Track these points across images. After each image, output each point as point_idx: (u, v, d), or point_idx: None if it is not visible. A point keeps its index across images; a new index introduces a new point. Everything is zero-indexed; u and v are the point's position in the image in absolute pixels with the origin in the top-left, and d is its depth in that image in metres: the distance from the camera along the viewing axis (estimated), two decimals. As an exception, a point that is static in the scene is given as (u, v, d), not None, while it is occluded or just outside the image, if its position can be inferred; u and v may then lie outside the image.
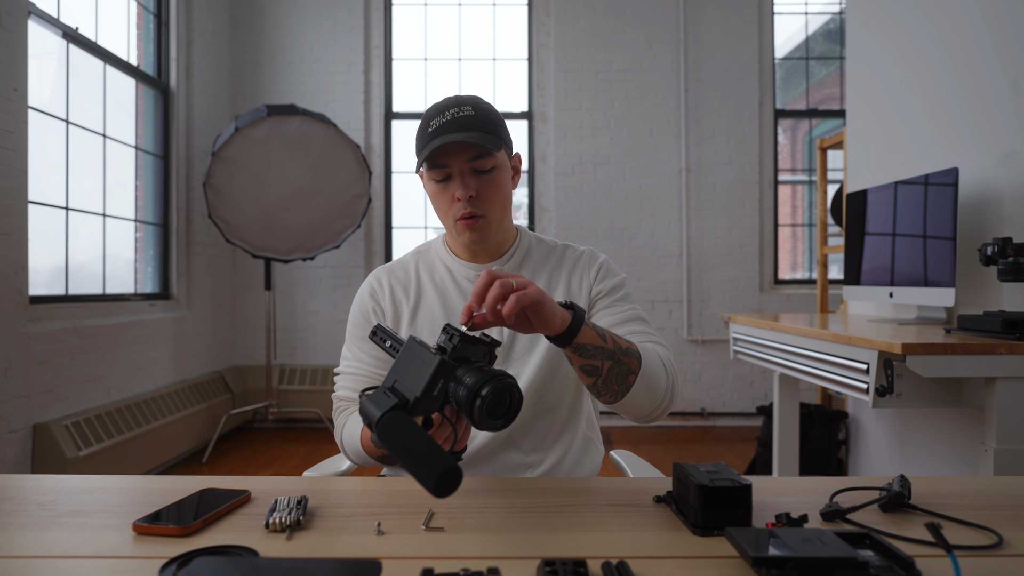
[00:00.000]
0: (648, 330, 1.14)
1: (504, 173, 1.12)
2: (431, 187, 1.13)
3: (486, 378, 0.77)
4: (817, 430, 3.14)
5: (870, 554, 0.64)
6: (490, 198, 1.10)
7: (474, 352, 0.81)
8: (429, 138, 1.07)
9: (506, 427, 0.80)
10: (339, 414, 1.17)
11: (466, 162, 1.07)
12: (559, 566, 0.62)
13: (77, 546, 0.70)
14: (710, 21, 4.69)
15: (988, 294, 2.19)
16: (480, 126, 1.06)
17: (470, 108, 1.07)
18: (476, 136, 1.04)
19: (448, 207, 1.11)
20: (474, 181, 1.08)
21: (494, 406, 0.78)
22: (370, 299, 1.19)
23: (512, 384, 0.79)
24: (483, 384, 0.76)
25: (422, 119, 1.11)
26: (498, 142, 1.07)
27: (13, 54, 2.69)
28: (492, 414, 0.78)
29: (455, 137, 1.03)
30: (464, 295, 1.17)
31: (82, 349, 3.05)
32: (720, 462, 0.80)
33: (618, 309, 1.16)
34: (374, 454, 1.05)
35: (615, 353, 0.94)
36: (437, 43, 4.88)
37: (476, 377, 0.77)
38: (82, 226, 3.30)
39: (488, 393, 0.76)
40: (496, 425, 0.79)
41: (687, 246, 4.67)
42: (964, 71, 2.33)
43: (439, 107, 1.09)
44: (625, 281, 1.21)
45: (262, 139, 3.90)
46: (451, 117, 1.06)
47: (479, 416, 0.76)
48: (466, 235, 1.11)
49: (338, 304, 4.63)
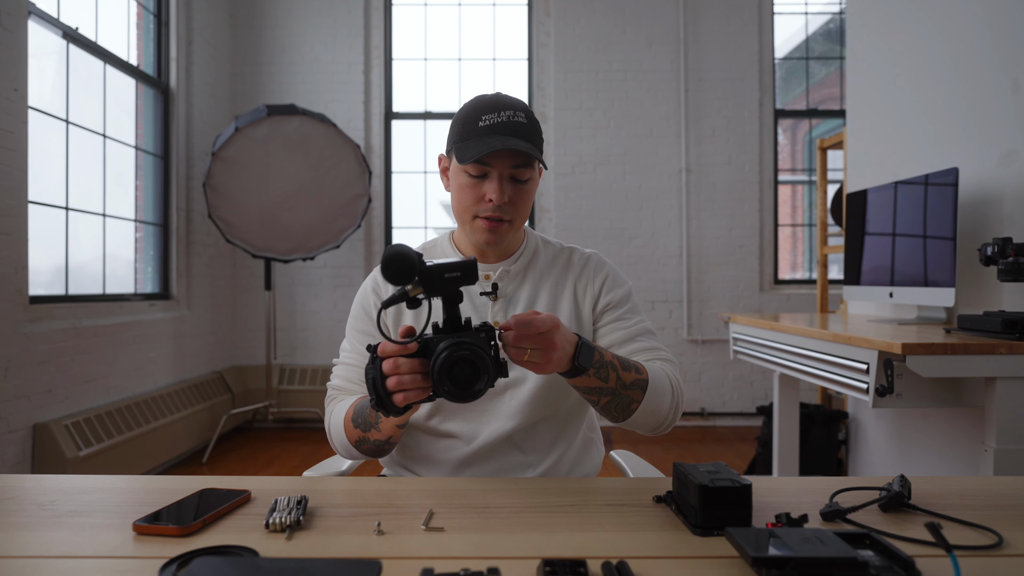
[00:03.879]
0: (655, 344, 1.16)
1: (535, 185, 1.13)
2: (463, 179, 1.10)
3: (454, 342, 0.82)
4: (817, 430, 3.14)
5: (870, 554, 0.64)
6: (520, 206, 1.10)
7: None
8: (480, 132, 1.06)
9: (461, 400, 0.83)
10: (330, 402, 1.18)
11: (509, 167, 1.07)
12: (559, 566, 0.62)
13: (77, 546, 0.70)
14: (710, 21, 4.69)
15: (988, 294, 2.19)
16: (531, 137, 1.07)
17: (523, 116, 1.07)
18: (529, 148, 1.05)
19: (474, 203, 1.09)
20: (510, 187, 1.08)
21: (454, 370, 0.82)
22: (373, 294, 1.19)
23: (468, 358, 0.81)
24: (450, 347, 0.81)
25: (468, 108, 1.09)
26: (541, 157, 1.09)
27: (13, 54, 2.69)
28: (453, 379, 0.82)
29: (515, 144, 1.03)
30: (470, 293, 1.16)
31: (82, 349, 3.05)
32: (720, 462, 0.80)
33: (626, 324, 1.16)
34: (353, 437, 1.07)
35: (616, 390, 0.99)
36: (437, 43, 4.88)
37: (450, 340, 0.82)
38: (82, 226, 3.30)
39: (446, 354, 0.81)
40: (453, 392, 0.82)
41: (687, 246, 4.67)
42: (964, 71, 2.33)
43: (492, 104, 1.08)
44: (631, 290, 1.21)
45: (262, 139, 3.90)
46: (507, 119, 1.06)
47: (439, 372, 0.81)
48: (485, 236, 1.10)
49: (338, 304, 4.63)
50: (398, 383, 0.83)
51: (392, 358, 0.84)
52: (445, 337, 0.83)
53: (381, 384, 0.85)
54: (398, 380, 0.83)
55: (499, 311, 1.16)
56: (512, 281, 1.18)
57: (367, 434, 1.03)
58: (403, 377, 0.83)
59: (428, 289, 0.81)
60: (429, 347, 0.83)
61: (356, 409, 1.06)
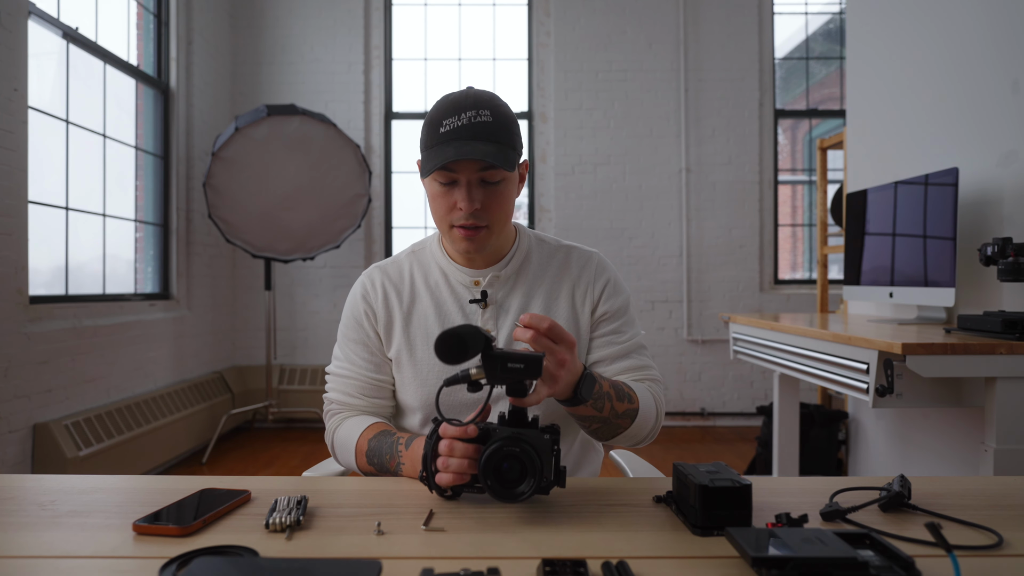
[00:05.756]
0: (646, 362, 1.16)
1: (512, 185, 1.07)
2: (433, 188, 1.05)
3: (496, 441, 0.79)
4: (817, 430, 3.13)
5: (870, 554, 0.64)
6: (494, 210, 1.04)
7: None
8: (441, 140, 0.99)
9: (501, 499, 0.79)
10: (330, 417, 1.16)
11: (476, 171, 1.01)
12: (559, 566, 0.62)
13: (77, 546, 0.70)
14: (710, 21, 4.69)
15: (988, 294, 2.19)
16: (497, 136, 1.00)
17: (488, 113, 0.99)
18: (492, 151, 0.98)
19: (447, 212, 1.04)
20: (480, 192, 1.02)
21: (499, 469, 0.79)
22: (362, 301, 1.16)
23: (518, 456, 0.78)
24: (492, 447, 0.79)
25: (433, 111, 1.03)
26: (513, 158, 1.02)
27: (13, 54, 2.69)
28: (499, 475, 0.79)
29: (471, 150, 0.97)
30: (459, 300, 1.13)
31: (82, 349, 3.05)
32: (720, 462, 0.80)
33: (620, 338, 1.15)
34: (364, 469, 1.06)
35: (608, 419, 1.00)
36: (437, 43, 4.88)
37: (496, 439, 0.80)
38: (82, 226, 3.29)
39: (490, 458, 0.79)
40: (495, 489, 0.79)
41: (687, 246, 4.66)
42: (964, 71, 2.33)
43: (454, 104, 1.00)
44: (629, 300, 1.19)
45: (262, 139, 3.90)
46: (467, 121, 0.98)
47: (485, 472, 0.79)
48: (464, 244, 1.05)
49: (338, 304, 4.63)
50: (445, 464, 0.81)
51: (450, 440, 0.82)
52: (507, 430, 0.81)
53: (432, 462, 0.84)
54: (445, 461, 0.81)
55: (489, 319, 1.12)
56: (503, 287, 1.14)
57: (383, 475, 1.02)
58: (451, 460, 0.81)
59: (490, 375, 0.80)
60: (489, 435, 0.81)
61: (372, 447, 1.03)
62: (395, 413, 1.20)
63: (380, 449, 1.02)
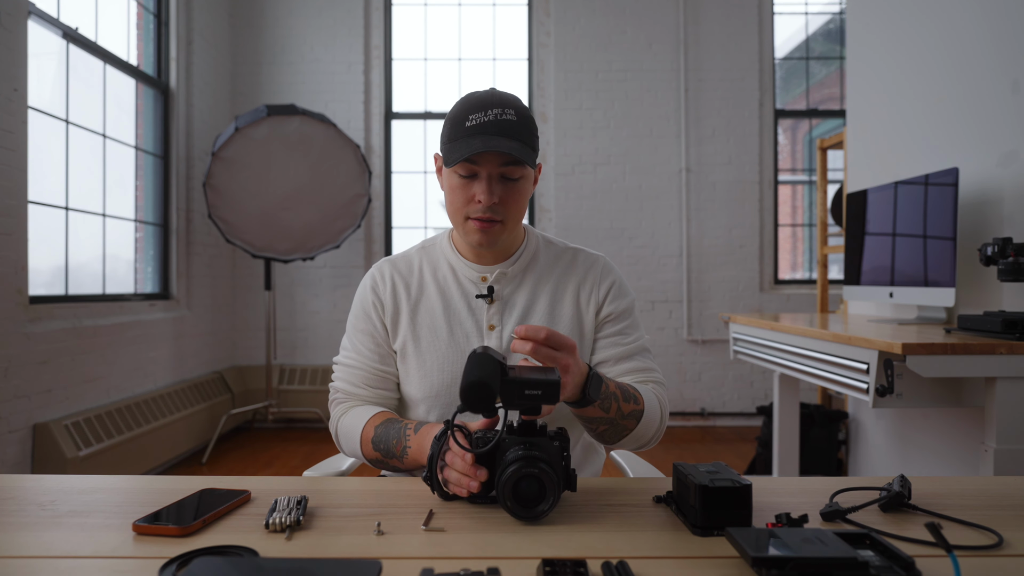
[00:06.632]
0: (650, 364, 1.16)
1: (529, 183, 1.10)
2: (452, 180, 1.07)
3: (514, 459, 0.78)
4: (817, 430, 3.13)
5: (870, 554, 0.64)
6: (511, 206, 1.07)
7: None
8: (467, 133, 1.03)
9: (520, 518, 0.78)
10: (336, 405, 1.18)
11: (497, 166, 1.04)
12: (559, 566, 0.62)
13: (77, 546, 0.70)
14: (710, 21, 4.69)
15: (988, 294, 2.19)
16: (520, 135, 1.03)
17: (512, 112, 1.03)
18: (516, 147, 1.01)
19: (464, 204, 1.07)
20: (500, 187, 1.05)
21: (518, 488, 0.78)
22: (371, 292, 1.18)
23: (536, 475, 0.77)
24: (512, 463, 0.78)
25: (458, 107, 1.06)
26: (533, 156, 1.06)
27: (13, 54, 2.69)
28: (517, 495, 0.78)
29: (497, 145, 1.00)
30: (466, 295, 1.15)
31: (82, 349, 3.05)
32: (720, 462, 0.80)
33: (624, 340, 1.16)
34: (369, 456, 1.07)
35: (614, 420, 1.00)
36: (437, 43, 4.88)
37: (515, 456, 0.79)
38: (82, 226, 3.29)
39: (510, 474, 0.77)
40: (514, 510, 0.78)
41: (687, 246, 4.66)
42: (964, 71, 2.33)
43: (480, 101, 1.04)
44: (634, 304, 1.20)
45: (262, 139, 3.90)
46: (493, 118, 1.02)
47: (503, 488, 0.78)
48: (477, 236, 1.08)
49: (338, 304, 4.63)
50: (446, 477, 0.84)
51: (453, 456, 0.83)
52: (516, 441, 0.80)
53: (436, 465, 0.85)
54: (447, 475, 0.83)
55: (495, 314, 1.14)
56: (509, 283, 1.16)
57: (387, 460, 1.04)
58: (452, 474, 0.82)
59: (506, 401, 0.79)
60: (500, 448, 0.81)
61: (379, 433, 1.05)
62: (399, 406, 1.21)
63: (387, 435, 1.03)
